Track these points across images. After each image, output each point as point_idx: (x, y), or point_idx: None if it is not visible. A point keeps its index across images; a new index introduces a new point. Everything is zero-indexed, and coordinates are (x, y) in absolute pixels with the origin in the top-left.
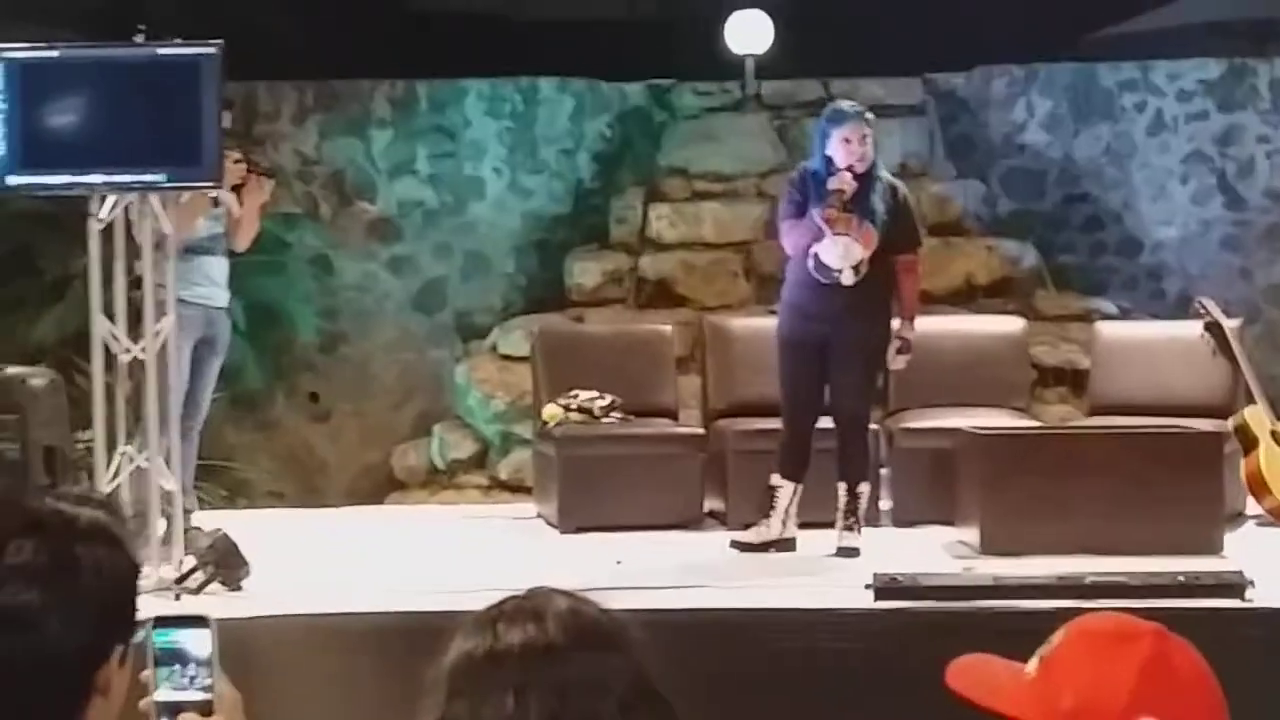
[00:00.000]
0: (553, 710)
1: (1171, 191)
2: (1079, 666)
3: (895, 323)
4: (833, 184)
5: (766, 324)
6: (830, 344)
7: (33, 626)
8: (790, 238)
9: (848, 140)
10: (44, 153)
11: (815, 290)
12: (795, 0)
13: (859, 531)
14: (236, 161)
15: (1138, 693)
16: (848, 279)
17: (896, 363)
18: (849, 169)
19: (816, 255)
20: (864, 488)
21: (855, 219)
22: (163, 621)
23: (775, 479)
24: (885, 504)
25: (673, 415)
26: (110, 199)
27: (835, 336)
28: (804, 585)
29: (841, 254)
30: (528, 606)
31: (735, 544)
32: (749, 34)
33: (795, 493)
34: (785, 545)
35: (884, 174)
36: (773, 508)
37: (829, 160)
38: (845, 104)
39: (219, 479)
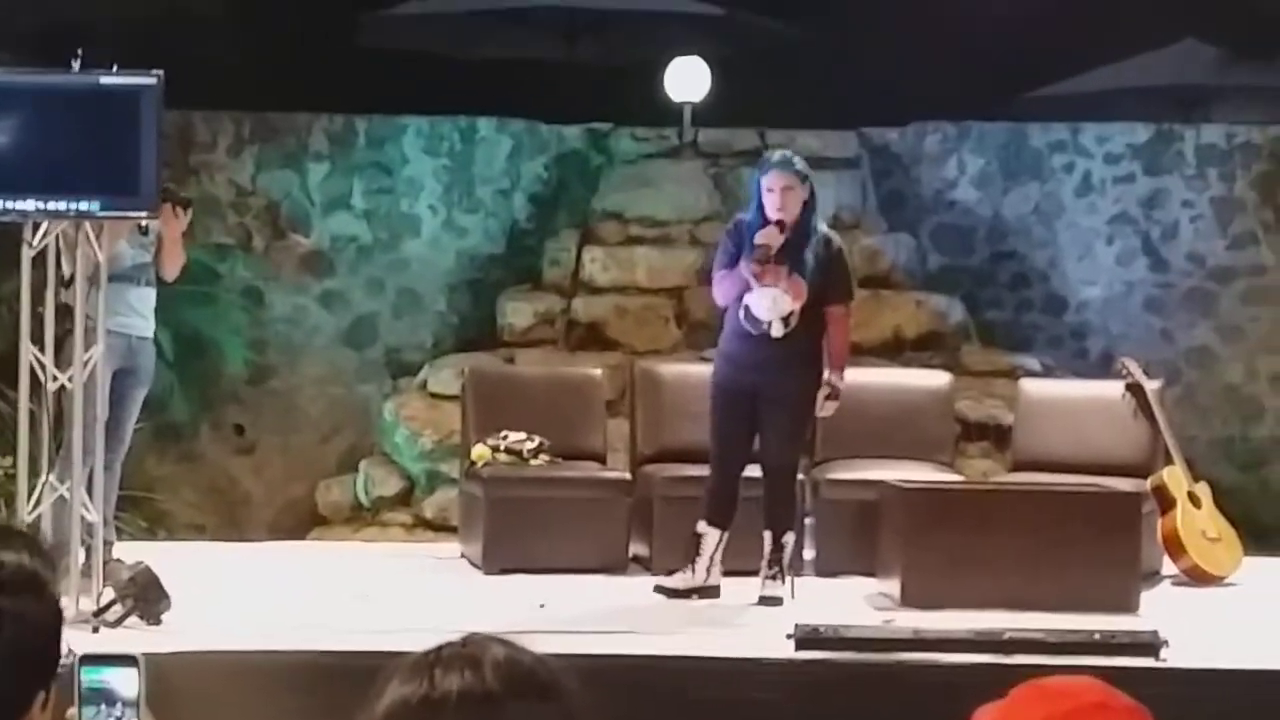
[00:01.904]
0: None
1: (1097, 252)
2: None
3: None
4: (758, 238)
5: (696, 370)
6: (760, 394)
7: None
8: (721, 287)
9: (770, 190)
10: None
11: (746, 340)
12: (734, 50)
13: (783, 581)
14: None
15: None
16: (776, 330)
17: (824, 409)
18: (778, 222)
19: (747, 306)
20: (789, 537)
21: (784, 270)
22: (90, 659)
23: (701, 525)
24: (809, 554)
25: (601, 459)
26: (43, 226)
27: (765, 387)
28: (726, 634)
29: (770, 305)
30: (464, 653)
31: (659, 589)
32: (688, 81)
33: (721, 540)
34: (709, 592)
35: (820, 226)
36: (698, 554)
37: (762, 210)
38: (775, 153)
39: (140, 510)
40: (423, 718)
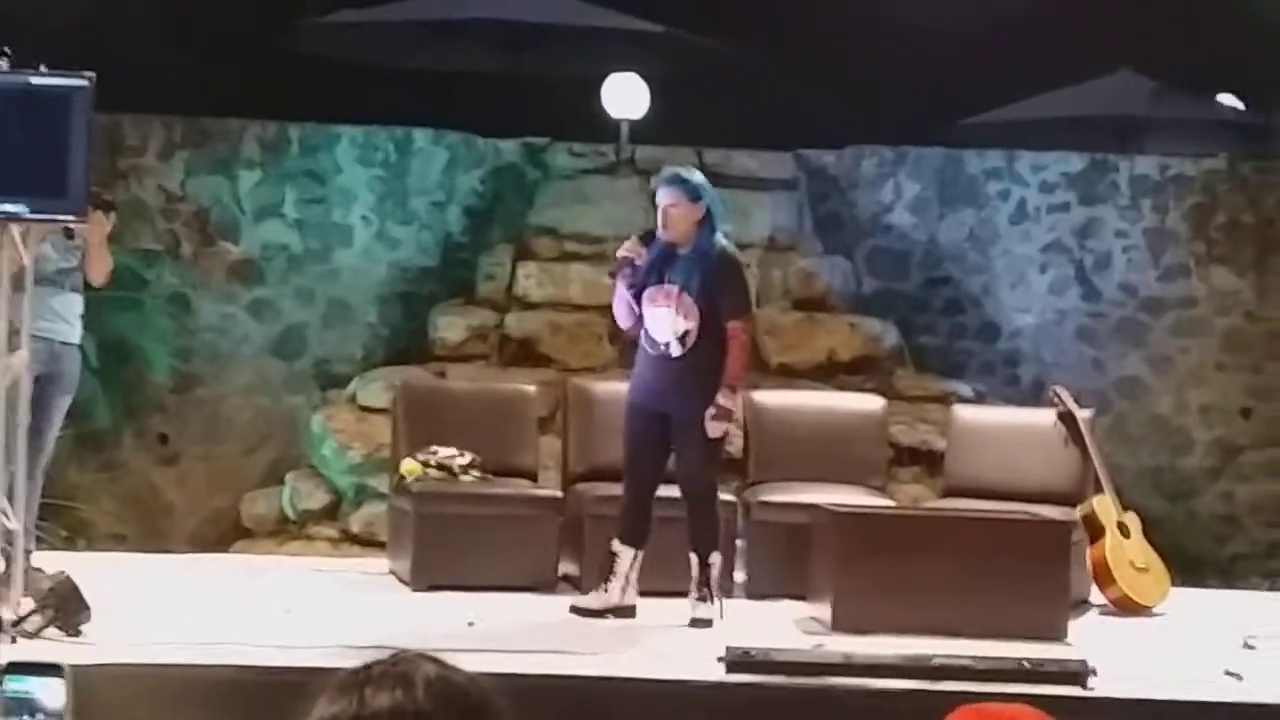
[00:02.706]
0: None
1: (1031, 280)
2: None
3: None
4: (620, 250)
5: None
6: (670, 416)
7: None
8: (615, 308)
9: (656, 204)
10: None
11: (651, 362)
12: (673, 68)
13: (711, 602)
14: None
15: None
16: (674, 350)
17: (713, 430)
18: (642, 236)
19: (645, 328)
20: (715, 558)
21: (675, 290)
22: (15, 668)
23: (615, 544)
24: (740, 576)
25: (532, 476)
26: None
27: (673, 409)
28: (656, 655)
29: (663, 326)
30: (395, 671)
31: (575, 609)
32: (626, 98)
33: (635, 559)
34: (624, 612)
35: (718, 241)
36: (613, 573)
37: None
38: (666, 169)
39: (60, 518)
40: None
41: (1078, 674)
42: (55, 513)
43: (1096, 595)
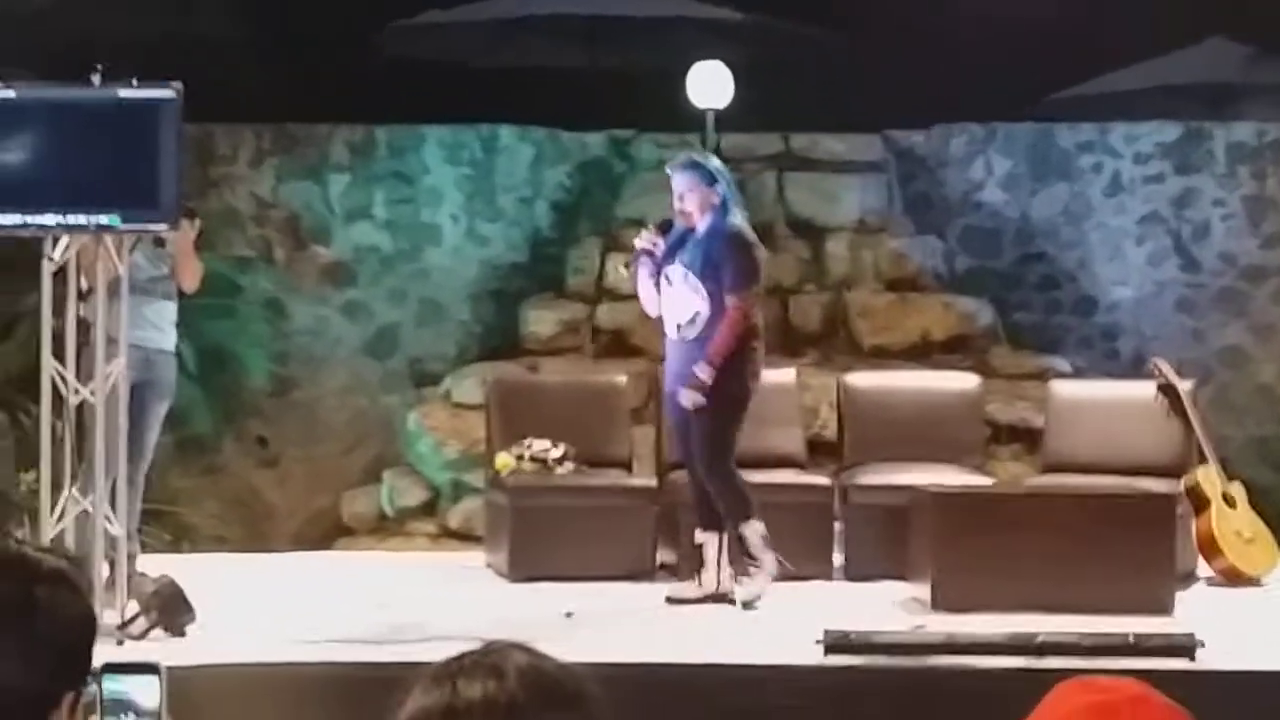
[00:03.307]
0: None
1: (1127, 252)
2: None
3: (742, 369)
4: (637, 243)
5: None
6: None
7: None
8: (641, 296)
9: (672, 190)
10: None
11: (670, 346)
12: (756, 55)
13: (752, 575)
14: None
15: None
16: (687, 333)
17: (684, 398)
18: (659, 225)
19: (662, 314)
20: (745, 529)
21: (683, 273)
22: (111, 668)
23: (698, 534)
24: (838, 559)
25: (626, 466)
26: (64, 240)
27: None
28: (755, 640)
29: (675, 309)
30: (487, 662)
31: (670, 599)
32: (710, 87)
33: (721, 543)
34: (720, 598)
35: (729, 223)
36: (703, 563)
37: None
38: (681, 154)
39: (163, 523)
40: None
41: (1185, 647)
42: (158, 517)
43: (1203, 567)
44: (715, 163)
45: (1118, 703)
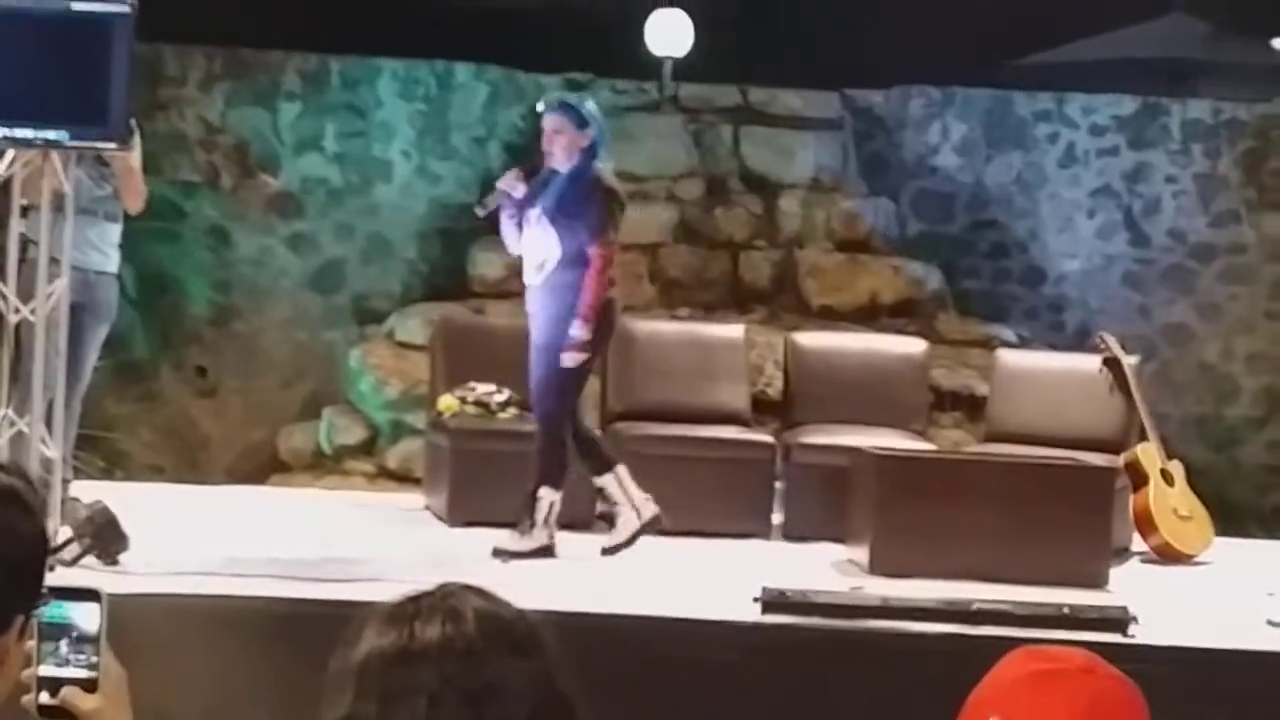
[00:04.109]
0: (465, 716)
1: (1078, 224)
2: (1013, 711)
3: (597, 321)
4: (499, 182)
5: (670, 328)
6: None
7: None
8: (503, 237)
9: (541, 129)
10: None
11: (529, 291)
12: (719, 5)
13: (528, 535)
14: None
15: None
16: (535, 279)
17: (566, 359)
18: (520, 167)
19: (520, 255)
20: (544, 492)
21: (535, 215)
22: (52, 593)
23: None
24: (778, 518)
25: None
26: (9, 154)
27: (532, 335)
28: (694, 594)
29: (531, 251)
30: (444, 605)
31: (497, 551)
32: (669, 35)
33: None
34: (547, 552)
35: (593, 167)
36: (535, 514)
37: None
38: (554, 95)
39: (97, 449)
40: (400, 671)
41: (1119, 621)
42: (93, 443)
43: (1138, 543)
44: (591, 107)
45: (1066, 671)
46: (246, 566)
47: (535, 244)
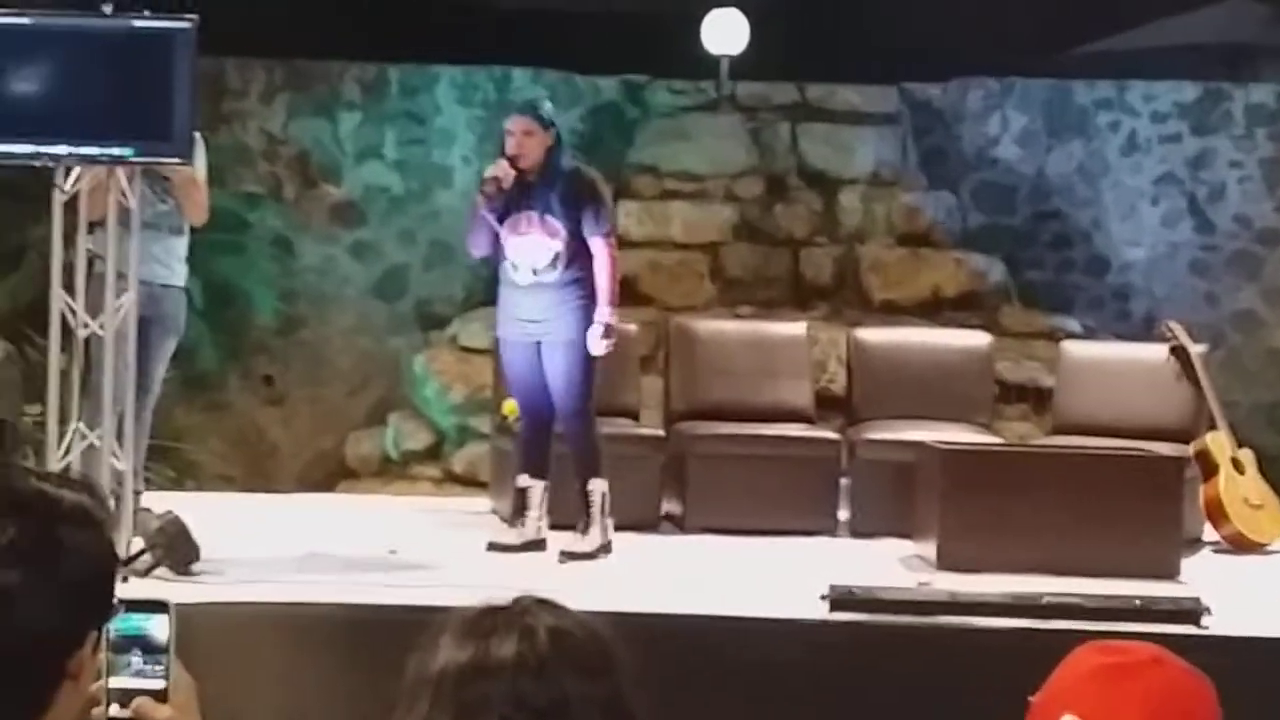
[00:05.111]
0: None
1: (1141, 212)
2: (1083, 705)
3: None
4: (487, 171)
5: (731, 327)
6: (542, 341)
7: (11, 607)
8: (472, 238)
9: (510, 132)
10: (10, 121)
11: (517, 291)
12: (773, 2)
13: (588, 533)
14: None
15: None
16: (546, 277)
17: (599, 347)
18: (510, 158)
19: (510, 259)
20: (595, 484)
21: (535, 216)
22: (122, 605)
23: (523, 480)
24: (844, 514)
25: (634, 415)
26: (75, 171)
27: (544, 334)
28: (760, 593)
29: (530, 254)
30: (519, 622)
31: (492, 546)
32: (726, 33)
33: (544, 491)
34: (537, 545)
35: (568, 162)
36: (525, 508)
37: (504, 154)
38: (527, 97)
39: (167, 459)
40: (475, 684)
41: (1191, 612)
42: (163, 454)
43: (1210, 533)
44: (549, 106)
45: (1135, 664)
46: (317, 573)
47: (537, 245)
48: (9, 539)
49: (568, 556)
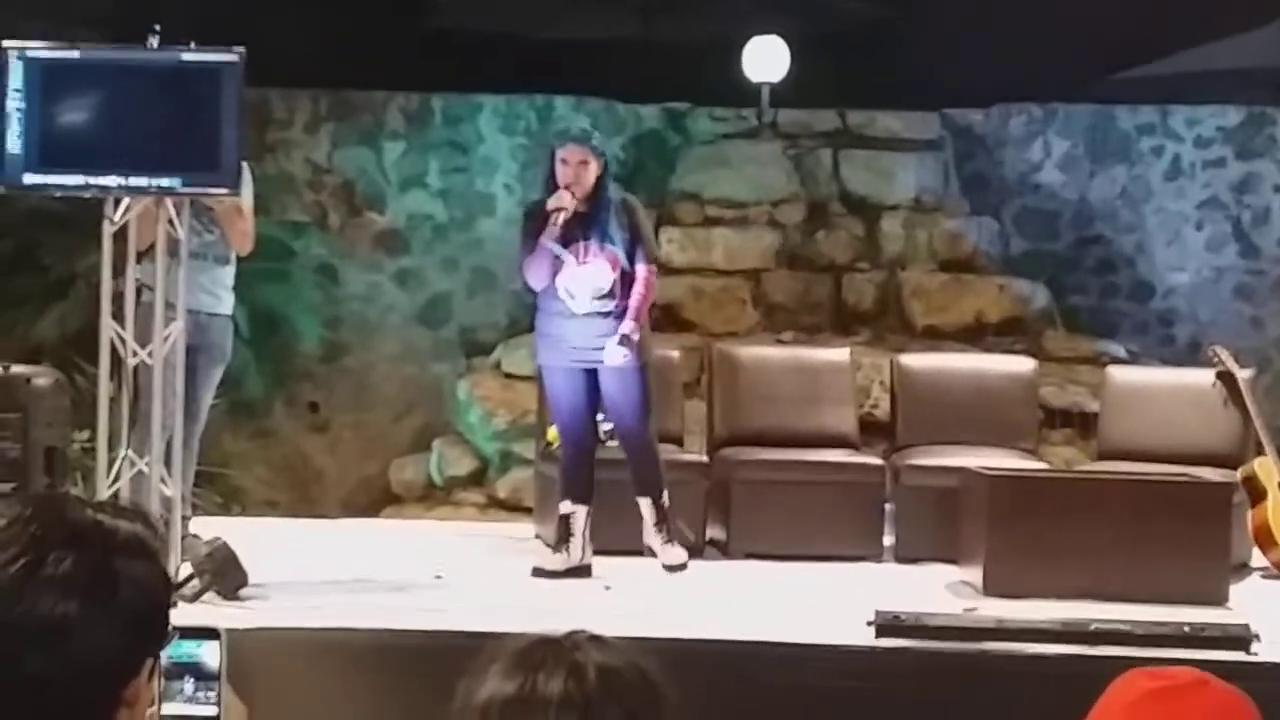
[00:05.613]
0: None
1: (1186, 237)
2: None
3: (652, 336)
4: (551, 204)
5: (774, 353)
6: (598, 369)
7: (69, 638)
8: (532, 270)
9: (565, 161)
10: (61, 153)
11: (571, 321)
12: (814, 29)
13: (673, 543)
14: None
15: None
16: (603, 306)
17: (614, 356)
18: (568, 187)
19: (567, 288)
20: (666, 496)
21: (594, 245)
22: (175, 631)
23: (566, 506)
24: (889, 540)
25: (678, 441)
26: (124, 202)
27: (601, 361)
28: (805, 619)
29: (590, 283)
30: (567, 658)
31: (537, 571)
32: (766, 61)
33: (588, 516)
34: (583, 571)
35: (615, 193)
36: (570, 534)
37: (555, 183)
38: (574, 125)
39: (214, 485)
40: (519, 716)
41: (1240, 638)
42: (210, 480)
43: (1258, 558)
44: (600, 136)
45: (1181, 687)
46: (362, 599)
47: (596, 274)
48: (67, 570)
49: (674, 569)
